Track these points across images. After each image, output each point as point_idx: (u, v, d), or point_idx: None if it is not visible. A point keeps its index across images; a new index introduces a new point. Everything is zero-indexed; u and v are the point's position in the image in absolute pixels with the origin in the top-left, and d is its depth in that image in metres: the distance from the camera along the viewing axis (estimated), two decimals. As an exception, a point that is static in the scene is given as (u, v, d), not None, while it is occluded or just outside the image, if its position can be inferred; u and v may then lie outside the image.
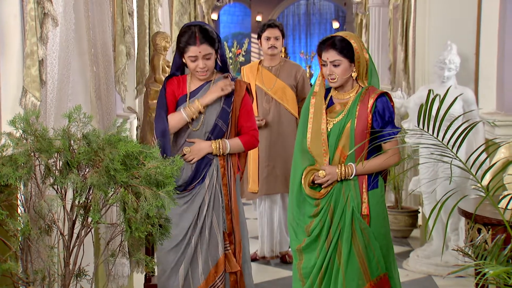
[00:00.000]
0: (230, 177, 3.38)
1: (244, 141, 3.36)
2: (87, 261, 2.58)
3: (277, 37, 5.08)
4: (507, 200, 2.86)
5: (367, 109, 3.08)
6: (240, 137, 3.38)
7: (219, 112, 3.31)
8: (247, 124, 3.37)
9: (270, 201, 5.16)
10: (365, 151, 3.07)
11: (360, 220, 3.10)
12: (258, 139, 3.45)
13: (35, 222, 2.41)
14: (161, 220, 2.47)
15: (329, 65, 3.15)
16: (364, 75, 3.14)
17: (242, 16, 16.69)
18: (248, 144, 3.39)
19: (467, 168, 2.58)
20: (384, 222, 3.18)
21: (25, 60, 2.56)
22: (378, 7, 8.32)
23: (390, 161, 3.13)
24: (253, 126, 3.39)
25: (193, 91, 3.36)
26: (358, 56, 3.10)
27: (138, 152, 2.39)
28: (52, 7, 2.61)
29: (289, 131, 5.12)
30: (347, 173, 3.10)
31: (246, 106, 3.37)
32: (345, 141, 3.11)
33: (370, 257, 3.12)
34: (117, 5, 3.81)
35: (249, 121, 3.38)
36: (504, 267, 2.40)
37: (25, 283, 2.37)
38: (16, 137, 2.35)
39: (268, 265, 5.22)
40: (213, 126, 3.31)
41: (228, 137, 3.35)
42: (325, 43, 3.16)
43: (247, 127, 3.37)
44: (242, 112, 3.35)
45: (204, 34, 3.26)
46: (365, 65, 3.13)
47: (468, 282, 4.43)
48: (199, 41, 3.25)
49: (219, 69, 3.42)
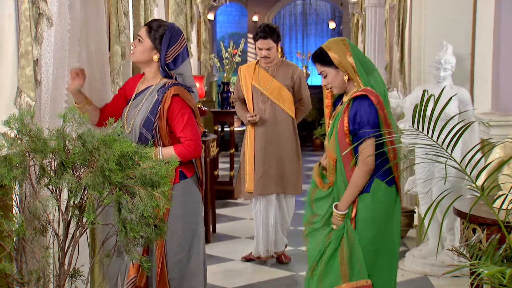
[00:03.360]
0: None
1: (178, 151, 3.17)
2: (82, 262, 2.58)
3: (269, 48, 5.08)
4: (501, 200, 2.86)
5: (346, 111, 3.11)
6: (175, 146, 3.20)
7: (144, 120, 3.19)
8: (182, 134, 3.18)
9: (265, 201, 5.16)
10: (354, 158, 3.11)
11: (347, 222, 3.15)
12: (197, 149, 3.21)
13: (30, 222, 2.40)
14: (156, 220, 2.47)
15: (322, 77, 3.26)
16: (355, 77, 3.15)
17: (238, 16, 16.69)
18: (183, 155, 3.18)
19: (462, 168, 2.58)
20: (373, 227, 3.13)
21: (20, 60, 2.56)
22: (374, 7, 8.33)
23: (359, 176, 3.08)
24: (189, 136, 3.17)
25: (138, 93, 3.30)
26: (338, 63, 3.15)
27: (133, 152, 2.39)
28: (47, 7, 2.60)
29: (284, 131, 5.12)
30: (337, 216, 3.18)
31: (177, 116, 3.17)
32: (333, 144, 3.17)
33: (353, 260, 3.11)
34: (112, 5, 3.81)
35: (184, 131, 3.17)
36: (498, 267, 2.41)
37: (19, 284, 2.36)
38: (11, 138, 2.34)
39: (264, 265, 5.22)
40: (139, 134, 3.19)
41: (160, 146, 3.21)
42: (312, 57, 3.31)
43: (183, 137, 3.19)
44: (173, 123, 3.19)
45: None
46: (351, 68, 3.14)
47: (463, 282, 4.44)
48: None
49: (163, 74, 3.26)
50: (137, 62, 3.30)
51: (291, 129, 5.15)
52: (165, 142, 3.21)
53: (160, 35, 3.22)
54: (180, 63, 3.26)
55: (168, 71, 3.25)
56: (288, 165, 5.12)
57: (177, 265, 3.22)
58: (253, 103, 5.13)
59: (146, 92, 3.26)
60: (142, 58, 3.24)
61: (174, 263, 3.21)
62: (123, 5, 3.85)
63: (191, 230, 3.27)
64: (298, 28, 16.92)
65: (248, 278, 4.91)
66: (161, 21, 3.31)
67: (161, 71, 3.25)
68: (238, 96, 5.27)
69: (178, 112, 3.18)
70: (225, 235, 6.09)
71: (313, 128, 11.53)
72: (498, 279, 2.40)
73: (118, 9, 3.81)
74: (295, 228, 6.15)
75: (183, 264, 3.24)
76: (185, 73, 3.30)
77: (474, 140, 4.62)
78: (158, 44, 3.22)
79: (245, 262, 5.29)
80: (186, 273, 3.26)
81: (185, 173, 3.25)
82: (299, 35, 16.93)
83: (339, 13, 16.06)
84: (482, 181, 3.21)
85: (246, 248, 5.49)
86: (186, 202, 3.25)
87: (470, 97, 4.80)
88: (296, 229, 6.20)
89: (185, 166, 3.25)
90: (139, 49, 3.23)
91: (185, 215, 3.24)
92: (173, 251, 3.21)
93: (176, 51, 3.25)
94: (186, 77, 3.30)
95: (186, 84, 3.28)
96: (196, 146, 3.20)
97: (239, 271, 5.09)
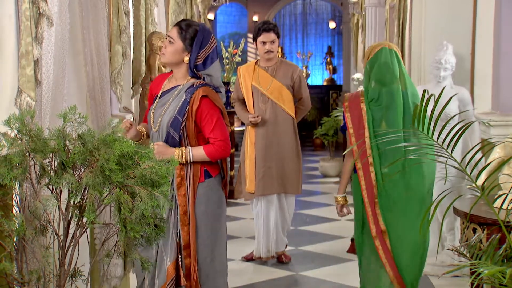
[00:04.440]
0: (189, 187, 3.23)
1: (207, 151, 3.20)
2: (82, 262, 2.58)
3: (272, 40, 5.08)
4: (502, 200, 2.86)
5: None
6: (205, 146, 3.22)
7: (171, 120, 3.20)
8: (211, 135, 3.20)
9: (266, 201, 5.16)
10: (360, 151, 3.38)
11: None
12: (226, 149, 3.22)
13: (30, 222, 2.40)
14: (157, 220, 2.47)
15: None
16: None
17: (238, 16, 16.68)
18: (213, 155, 3.21)
19: (462, 168, 2.58)
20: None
21: (20, 60, 2.55)
22: (375, 7, 8.34)
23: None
24: (218, 137, 3.20)
25: (164, 91, 3.30)
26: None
27: (133, 152, 2.39)
28: (47, 7, 2.60)
29: (285, 131, 5.12)
30: None
31: (206, 117, 3.19)
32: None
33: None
34: (113, 5, 3.80)
35: (213, 131, 3.20)
36: (499, 267, 2.41)
37: (20, 284, 2.36)
38: (11, 137, 2.34)
39: (264, 265, 5.22)
40: (166, 134, 3.21)
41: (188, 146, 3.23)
42: None
43: (212, 138, 3.20)
44: (202, 123, 3.20)
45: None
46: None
47: (464, 282, 4.44)
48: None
49: (191, 75, 3.28)
50: (167, 63, 3.29)
51: (292, 129, 5.15)
52: (192, 142, 3.23)
53: (191, 36, 3.20)
54: (209, 64, 3.24)
55: (197, 72, 3.24)
56: (289, 165, 5.12)
57: (201, 263, 3.25)
58: (253, 103, 5.13)
59: (173, 91, 3.26)
60: (173, 59, 3.24)
61: (200, 260, 3.24)
62: (123, 5, 3.84)
63: (214, 229, 3.29)
64: (298, 28, 16.91)
65: (248, 278, 4.91)
66: (192, 22, 3.30)
67: (190, 72, 3.25)
68: (237, 96, 5.27)
69: (207, 113, 3.19)
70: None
71: (313, 128, 11.52)
72: (499, 279, 2.40)
73: (119, 9, 3.81)
74: (295, 228, 6.16)
75: (207, 263, 3.27)
76: (214, 75, 3.28)
77: (474, 140, 4.62)
78: (189, 45, 3.21)
79: (245, 262, 5.29)
80: (210, 272, 3.28)
81: (210, 172, 3.28)
82: (299, 35, 16.92)
83: (339, 13, 16.05)
84: (482, 181, 3.21)
85: (247, 248, 5.50)
86: (209, 201, 3.27)
87: (470, 97, 4.80)
88: (296, 229, 6.21)
89: (210, 165, 3.27)
90: (170, 50, 3.22)
91: (208, 214, 3.26)
92: (198, 248, 3.23)
93: (207, 53, 3.23)
94: (214, 78, 3.28)
95: (214, 84, 3.28)
96: (226, 146, 3.22)
97: (240, 271, 5.09)
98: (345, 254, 5.35)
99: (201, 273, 3.25)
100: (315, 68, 16.48)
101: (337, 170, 9.27)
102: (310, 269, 5.10)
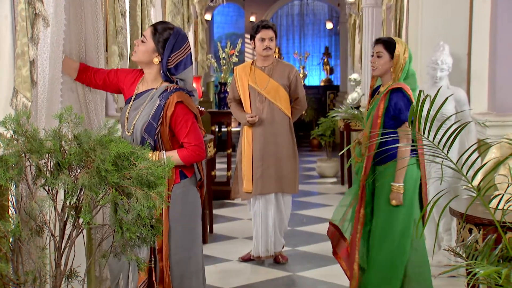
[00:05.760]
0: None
1: (182, 156, 3.18)
2: (79, 262, 2.58)
3: (271, 38, 5.09)
4: (498, 200, 2.87)
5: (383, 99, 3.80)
6: (179, 150, 3.20)
7: (146, 125, 3.17)
8: (185, 140, 3.18)
9: (264, 200, 5.16)
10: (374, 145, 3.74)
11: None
12: (200, 154, 3.20)
13: (26, 223, 2.40)
14: (153, 221, 2.46)
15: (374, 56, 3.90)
16: (398, 72, 3.84)
17: (235, 16, 16.67)
18: (187, 159, 3.19)
19: (458, 169, 2.58)
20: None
21: (16, 61, 2.55)
22: (371, 7, 8.34)
23: (406, 150, 3.74)
24: (192, 141, 3.17)
25: (139, 93, 3.26)
26: (397, 55, 3.82)
27: (130, 152, 2.39)
28: (43, 8, 2.60)
29: (282, 131, 5.13)
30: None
31: (181, 122, 3.16)
32: (369, 123, 3.85)
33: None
34: (110, 6, 3.80)
35: (188, 136, 3.17)
36: (494, 267, 2.41)
37: (16, 285, 2.36)
38: (7, 138, 2.34)
39: (261, 265, 5.22)
40: (141, 138, 3.18)
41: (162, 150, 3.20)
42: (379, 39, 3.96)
43: (186, 143, 3.18)
44: (177, 128, 3.18)
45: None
46: (401, 65, 3.84)
47: (460, 282, 4.44)
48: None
49: (164, 78, 3.23)
50: (137, 61, 3.25)
51: (288, 129, 5.16)
52: (167, 146, 3.20)
53: (164, 38, 3.17)
54: (182, 69, 3.21)
55: (170, 75, 3.21)
56: (286, 165, 5.13)
57: (177, 264, 3.22)
58: (250, 103, 5.13)
59: (146, 95, 3.22)
60: (143, 59, 3.21)
61: (174, 262, 3.21)
62: (120, 5, 3.84)
63: (190, 229, 3.27)
64: (295, 29, 16.91)
65: (245, 279, 4.91)
66: (168, 24, 3.26)
67: (162, 75, 3.21)
68: (233, 96, 5.27)
69: (181, 118, 3.16)
70: (222, 235, 6.09)
71: (311, 129, 11.54)
72: (494, 279, 2.40)
73: (115, 10, 3.80)
74: (292, 229, 6.16)
75: (183, 263, 3.24)
76: (187, 79, 3.25)
77: (470, 140, 4.62)
78: (161, 48, 3.17)
79: (242, 262, 5.29)
80: (186, 273, 3.26)
81: (186, 173, 3.25)
82: (296, 35, 16.92)
83: (336, 14, 16.06)
84: (478, 181, 3.21)
85: (244, 249, 5.49)
86: (186, 202, 3.25)
87: (466, 97, 4.80)
88: (293, 229, 6.21)
89: (184, 167, 3.24)
90: (141, 49, 3.20)
91: (184, 215, 3.24)
92: (173, 250, 3.21)
93: (179, 58, 3.20)
94: (187, 82, 3.25)
95: (187, 88, 3.24)
96: (200, 150, 3.20)
97: (237, 271, 5.09)
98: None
99: (175, 274, 3.22)
100: (312, 68, 16.48)
101: (334, 171, 9.27)
102: (307, 270, 5.10)
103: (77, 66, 3.21)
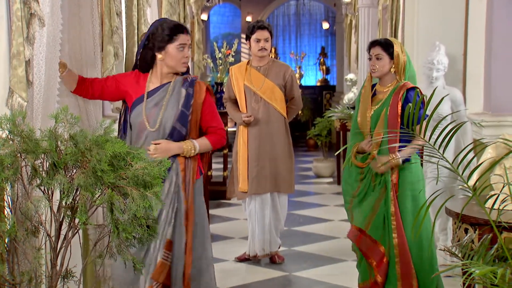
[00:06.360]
0: (188, 182, 3.26)
1: (212, 141, 3.31)
2: (75, 263, 2.57)
3: (266, 38, 5.09)
4: (493, 200, 2.87)
5: (398, 98, 3.76)
6: (208, 136, 3.32)
7: (178, 115, 3.22)
8: (213, 124, 3.32)
9: (260, 200, 5.16)
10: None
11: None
12: (225, 137, 3.40)
13: (22, 223, 2.40)
14: (149, 221, 2.46)
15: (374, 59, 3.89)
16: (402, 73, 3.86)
17: (232, 16, 16.67)
18: (216, 143, 3.33)
19: (454, 168, 2.59)
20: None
21: (12, 61, 2.54)
22: (367, 8, 8.35)
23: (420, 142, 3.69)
24: (219, 125, 3.36)
25: (151, 90, 3.28)
26: (397, 56, 3.83)
27: (126, 153, 2.39)
28: (39, 7, 2.59)
29: (278, 130, 5.13)
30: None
31: (209, 107, 3.32)
32: (381, 125, 3.80)
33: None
34: (105, 6, 3.79)
35: (215, 121, 3.33)
36: (490, 267, 2.42)
37: (11, 285, 2.36)
38: (2, 138, 2.34)
39: (257, 265, 5.22)
40: (171, 129, 3.22)
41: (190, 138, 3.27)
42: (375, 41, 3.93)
43: (214, 127, 3.33)
44: (205, 114, 3.30)
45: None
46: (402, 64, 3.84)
47: (456, 282, 4.45)
48: (186, 30, 3.28)
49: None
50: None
51: (284, 128, 5.17)
52: (192, 134, 3.29)
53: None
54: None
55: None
56: (282, 164, 5.13)
57: (195, 259, 3.28)
58: (246, 103, 5.13)
59: (164, 90, 3.26)
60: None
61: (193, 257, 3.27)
62: (115, 6, 3.84)
63: (204, 224, 3.35)
64: (292, 29, 16.92)
65: (242, 278, 4.91)
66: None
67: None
68: (229, 96, 5.27)
69: (210, 104, 3.33)
70: (218, 235, 6.09)
71: (307, 129, 11.54)
72: (490, 279, 2.41)
73: (110, 10, 3.80)
74: (288, 229, 6.16)
75: (199, 258, 3.31)
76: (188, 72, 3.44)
77: (466, 140, 4.63)
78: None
79: (238, 262, 5.29)
80: (201, 267, 3.32)
81: (201, 169, 3.36)
82: (292, 35, 16.93)
83: (332, 14, 16.07)
84: (474, 181, 3.22)
85: (240, 249, 5.49)
86: (201, 197, 3.37)
87: (462, 98, 4.81)
88: (289, 229, 6.21)
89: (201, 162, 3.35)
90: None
91: (201, 209, 3.35)
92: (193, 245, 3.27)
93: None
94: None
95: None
96: (225, 134, 3.40)
97: (233, 271, 5.09)
98: (339, 254, 5.36)
99: (194, 269, 3.27)
100: (309, 68, 16.49)
101: (330, 171, 9.28)
102: (303, 270, 5.10)
103: (77, 78, 3.26)
